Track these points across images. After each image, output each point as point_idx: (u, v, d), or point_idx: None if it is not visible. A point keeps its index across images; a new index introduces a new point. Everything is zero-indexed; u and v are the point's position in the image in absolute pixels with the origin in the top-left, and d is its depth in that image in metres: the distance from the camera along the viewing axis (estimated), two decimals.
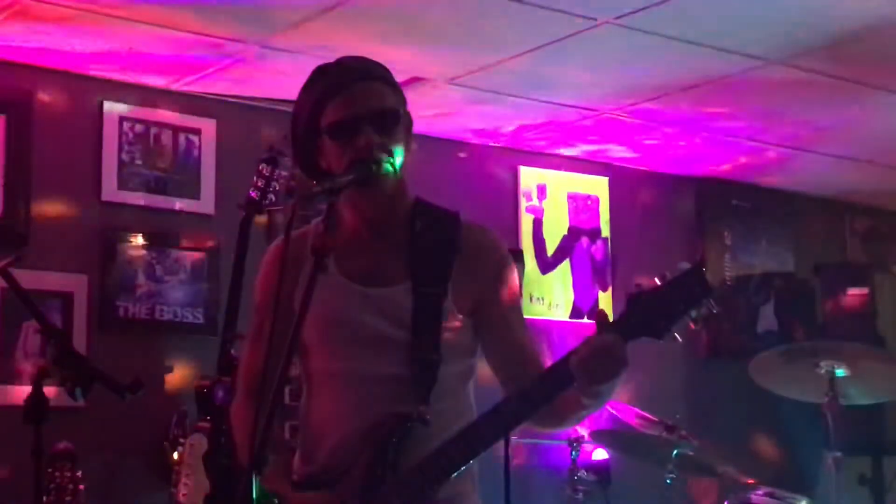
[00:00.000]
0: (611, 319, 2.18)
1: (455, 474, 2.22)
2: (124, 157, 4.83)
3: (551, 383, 2.19)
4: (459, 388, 2.38)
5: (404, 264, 2.34)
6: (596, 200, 6.19)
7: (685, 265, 2.15)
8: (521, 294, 2.52)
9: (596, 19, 4.23)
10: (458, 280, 2.33)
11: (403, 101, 2.38)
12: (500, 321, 2.38)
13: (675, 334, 2.14)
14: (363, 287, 2.34)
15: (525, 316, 2.49)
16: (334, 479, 2.28)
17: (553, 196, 6.04)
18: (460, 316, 2.34)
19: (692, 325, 2.15)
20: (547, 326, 5.74)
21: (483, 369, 2.44)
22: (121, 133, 4.83)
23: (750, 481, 4.45)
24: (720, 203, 6.59)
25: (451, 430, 2.24)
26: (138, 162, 4.87)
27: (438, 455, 2.21)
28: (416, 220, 2.38)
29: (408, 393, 2.27)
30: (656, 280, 2.15)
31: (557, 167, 6.08)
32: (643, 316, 2.14)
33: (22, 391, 3.11)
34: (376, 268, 2.35)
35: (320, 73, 2.37)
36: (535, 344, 2.44)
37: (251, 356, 2.46)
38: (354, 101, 2.29)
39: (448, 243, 2.36)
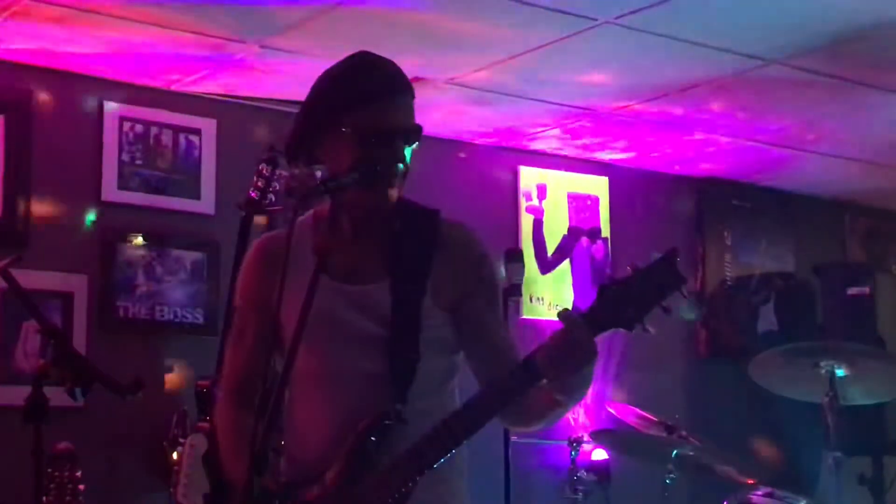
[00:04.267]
0: (576, 315, 2.16)
1: (430, 471, 2.21)
2: (124, 157, 4.83)
3: (519, 378, 2.20)
4: (442, 385, 2.38)
5: (384, 262, 2.36)
6: (596, 200, 6.19)
7: (657, 255, 2.14)
8: (500, 293, 2.52)
9: (596, 19, 4.23)
10: (438, 277, 2.35)
11: None
12: (477, 319, 2.39)
13: (647, 326, 2.12)
14: (343, 284, 2.34)
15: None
16: (316, 479, 2.29)
17: (553, 196, 6.04)
18: (440, 313, 2.35)
19: (665, 313, 2.12)
20: (547, 327, 5.73)
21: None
22: (121, 133, 4.83)
23: (750, 481, 4.44)
24: (720, 203, 6.59)
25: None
26: (138, 162, 4.86)
27: (411, 453, 2.21)
28: (397, 217, 2.38)
29: (387, 391, 2.28)
30: (628, 269, 2.14)
31: (557, 167, 6.08)
32: (612, 306, 2.13)
33: (22, 391, 3.11)
34: (357, 265, 2.37)
35: (358, 69, 2.35)
36: (513, 343, 2.43)
37: (234, 357, 2.47)
38: (395, 114, 2.33)
39: (427, 241, 2.37)
